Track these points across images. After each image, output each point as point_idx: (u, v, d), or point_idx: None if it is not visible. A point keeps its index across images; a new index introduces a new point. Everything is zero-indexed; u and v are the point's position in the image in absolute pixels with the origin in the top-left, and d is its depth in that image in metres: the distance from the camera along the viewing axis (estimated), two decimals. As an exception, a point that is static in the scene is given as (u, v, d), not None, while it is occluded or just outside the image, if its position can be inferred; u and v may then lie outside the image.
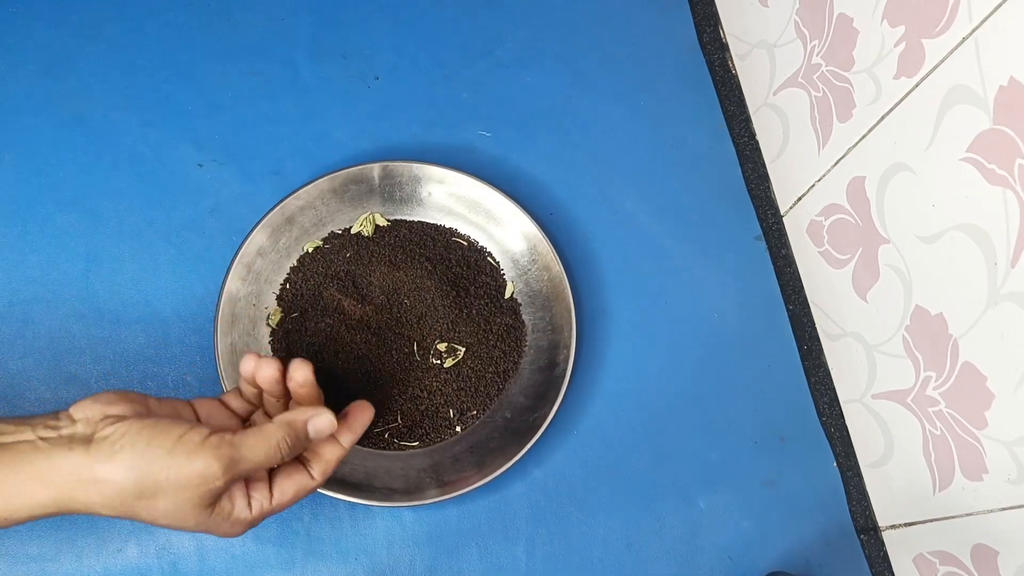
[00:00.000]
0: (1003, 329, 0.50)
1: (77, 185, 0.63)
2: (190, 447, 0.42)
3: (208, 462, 0.42)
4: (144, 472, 0.41)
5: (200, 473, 0.41)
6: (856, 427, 0.66)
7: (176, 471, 0.41)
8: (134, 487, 0.41)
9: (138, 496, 0.41)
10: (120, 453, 0.41)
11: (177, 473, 0.41)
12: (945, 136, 0.52)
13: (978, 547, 0.56)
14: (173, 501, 0.42)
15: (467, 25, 0.73)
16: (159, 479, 0.41)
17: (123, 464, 0.41)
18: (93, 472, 0.40)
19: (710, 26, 0.77)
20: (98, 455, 0.41)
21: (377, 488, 0.57)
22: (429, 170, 0.64)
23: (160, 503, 0.42)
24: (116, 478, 0.41)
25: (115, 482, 0.41)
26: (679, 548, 0.61)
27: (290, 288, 0.62)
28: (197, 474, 0.41)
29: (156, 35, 0.68)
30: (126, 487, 0.41)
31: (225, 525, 0.44)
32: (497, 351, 0.62)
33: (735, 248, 0.70)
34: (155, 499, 0.41)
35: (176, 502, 0.42)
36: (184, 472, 0.41)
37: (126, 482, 0.41)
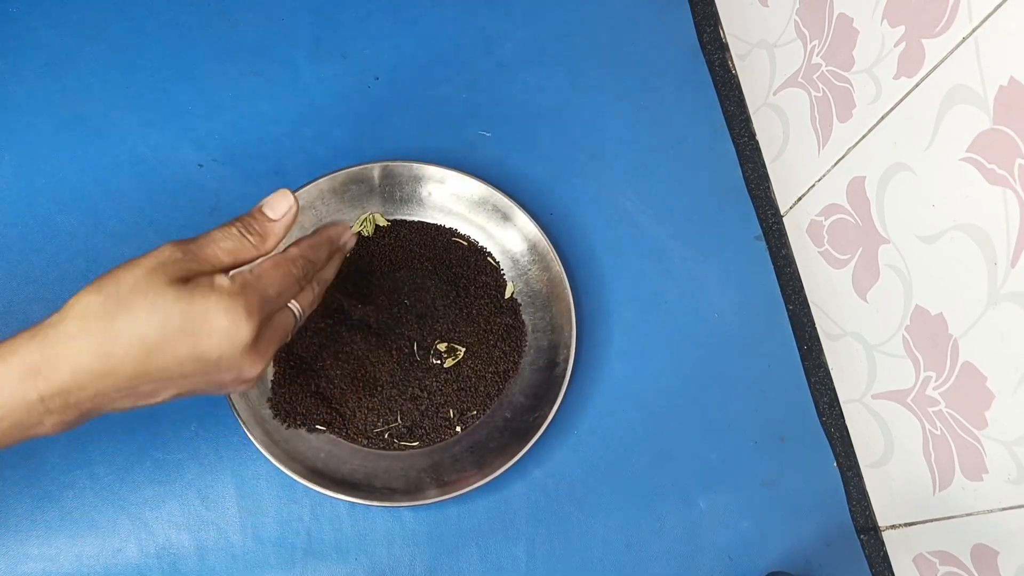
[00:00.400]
0: (1003, 329, 0.50)
1: (77, 185, 0.63)
2: (132, 262, 0.42)
3: (158, 248, 0.42)
4: (102, 279, 0.40)
5: (152, 254, 0.41)
6: (856, 427, 0.66)
7: (131, 261, 0.41)
8: (98, 295, 0.40)
9: (105, 300, 0.40)
10: (73, 301, 0.41)
11: (132, 261, 0.41)
12: (945, 136, 0.52)
13: (978, 547, 0.56)
14: (139, 287, 0.40)
15: (467, 25, 0.73)
16: (118, 274, 0.41)
17: (85, 290, 0.40)
18: (62, 312, 0.40)
19: (710, 26, 0.77)
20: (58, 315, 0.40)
21: (377, 488, 0.57)
22: (429, 170, 0.64)
23: (132, 299, 0.40)
24: (78, 299, 0.40)
25: (78, 301, 0.40)
26: (679, 548, 0.61)
27: (290, 288, 0.62)
28: (149, 255, 0.41)
29: (156, 35, 0.68)
30: (92, 300, 0.40)
31: (220, 302, 0.41)
32: (497, 351, 0.62)
33: (735, 248, 0.70)
34: (123, 298, 0.40)
35: (141, 286, 0.40)
36: (137, 259, 0.41)
37: (88, 295, 0.40)
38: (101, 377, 0.40)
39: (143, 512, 0.57)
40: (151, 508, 0.57)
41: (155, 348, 0.40)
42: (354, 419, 0.60)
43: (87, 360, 0.39)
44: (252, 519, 0.58)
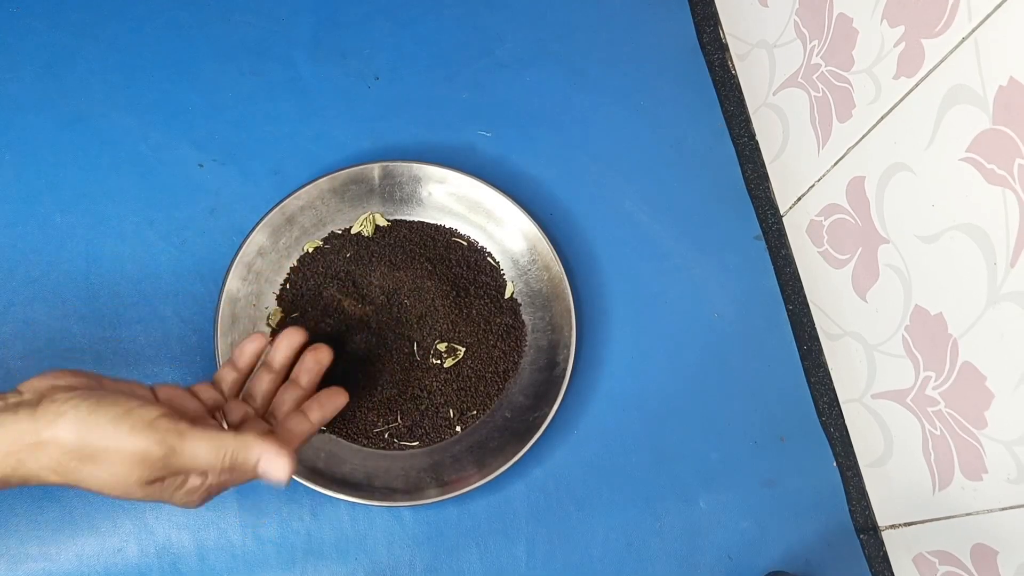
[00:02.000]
0: (1003, 329, 0.50)
1: (77, 185, 0.63)
2: (136, 422, 0.41)
3: (149, 444, 0.41)
4: (85, 436, 0.40)
5: (140, 452, 0.40)
6: (856, 427, 0.66)
7: (117, 442, 0.40)
8: (76, 449, 0.40)
9: (80, 460, 0.40)
10: (64, 416, 0.40)
11: (117, 444, 0.40)
12: (945, 136, 0.52)
13: (978, 547, 0.56)
14: (114, 472, 0.41)
15: (467, 25, 0.73)
16: (99, 446, 0.40)
17: (66, 426, 0.40)
18: (38, 434, 0.40)
19: (710, 26, 0.77)
20: (43, 418, 0.40)
21: (377, 488, 0.57)
22: (429, 170, 0.64)
23: (102, 471, 0.41)
24: (59, 438, 0.40)
25: (58, 443, 0.40)
26: (679, 548, 0.61)
27: (290, 288, 0.62)
28: (137, 452, 0.40)
29: (156, 35, 0.68)
30: (68, 448, 0.40)
31: (177, 497, 0.43)
32: (497, 351, 0.62)
33: (735, 248, 0.70)
34: (97, 465, 0.40)
35: (117, 473, 0.41)
36: (124, 446, 0.40)
37: (68, 443, 0.40)
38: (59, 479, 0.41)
39: (143, 512, 0.57)
40: (151, 508, 0.57)
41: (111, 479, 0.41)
42: (354, 419, 0.60)
43: (46, 475, 0.41)
44: (252, 519, 0.58)
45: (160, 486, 0.42)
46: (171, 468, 0.42)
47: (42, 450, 0.40)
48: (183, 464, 0.42)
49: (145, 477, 0.41)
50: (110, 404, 0.41)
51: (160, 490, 0.42)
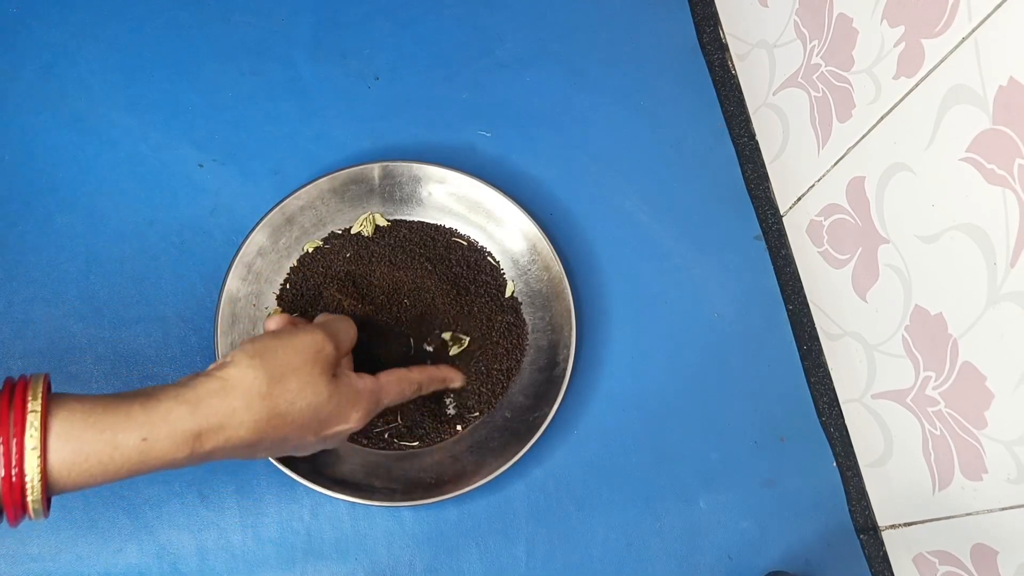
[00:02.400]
0: (1003, 329, 0.50)
1: (77, 185, 0.63)
2: (291, 328, 0.49)
3: (311, 331, 0.47)
4: (263, 356, 0.44)
5: (310, 340, 0.47)
6: (856, 427, 0.66)
7: (288, 342, 0.46)
8: (263, 374, 0.44)
9: (269, 381, 0.44)
10: (237, 357, 0.44)
11: (290, 343, 0.46)
12: (945, 136, 0.52)
13: (978, 547, 0.56)
14: (300, 374, 0.45)
15: (467, 25, 0.73)
16: (278, 355, 0.45)
17: (242, 361, 0.44)
18: (224, 382, 0.43)
19: (710, 26, 0.77)
20: (220, 370, 0.44)
21: (377, 488, 0.57)
22: (429, 170, 0.64)
23: (292, 382, 0.45)
24: (243, 374, 0.43)
25: (243, 377, 0.43)
26: (679, 548, 0.61)
27: (290, 288, 0.62)
28: (308, 342, 0.47)
29: (156, 35, 0.68)
30: (256, 377, 0.44)
31: (353, 398, 0.48)
32: (500, 348, 0.62)
33: (735, 248, 0.70)
34: (285, 379, 0.44)
35: (303, 374, 0.45)
36: (296, 341, 0.46)
37: (252, 372, 0.44)
38: (247, 447, 0.44)
39: (143, 512, 0.57)
40: (151, 508, 0.57)
41: (301, 429, 0.46)
42: (354, 419, 0.59)
43: (243, 433, 0.43)
44: (252, 519, 0.58)
45: (338, 383, 0.47)
46: (337, 342, 0.49)
47: (230, 393, 0.43)
48: (343, 339, 0.50)
49: (324, 365, 0.47)
50: (265, 333, 0.49)
51: (339, 387, 0.47)
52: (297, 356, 0.46)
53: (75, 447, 0.38)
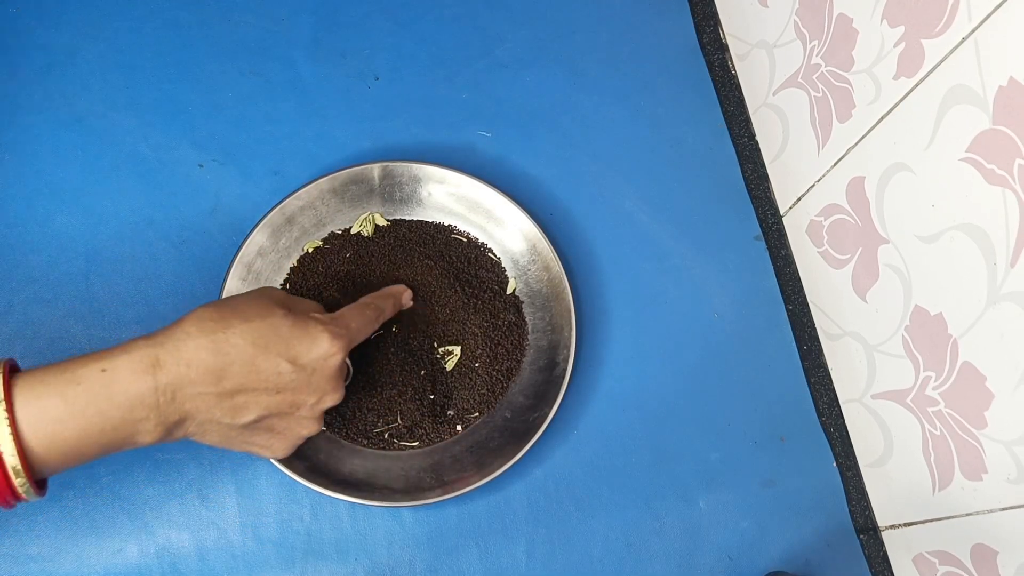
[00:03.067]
0: (1003, 329, 0.50)
1: (77, 185, 0.63)
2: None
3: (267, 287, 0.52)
4: (212, 302, 0.45)
5: (260, 289, 0.49)
6: (856, 427, 0.66)
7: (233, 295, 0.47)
8: (212, 306, 0.44)
9: (218, 307, 0.44)
10: (187, 314, 0.44)
11: (235, 295, 0.47)
12: (945, 136, 0.52)
13: (978, 547, 0.56)
14: (250, 298, 0.46)
15: (467, 25, 0.73)
16: (227, 299, 0.46)
17: (194, 311, 0.44)
18: (177, 321, 0.43)
19: (710, 26, 0.77)
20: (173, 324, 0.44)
21: (377, 488, 0.57)
22: (429, 170, 0.64)
23: (241, 304, 0.45)
24: (194, 312, 0.44)
25: (194, 312, 0.44)
26: (679, 548, 0.61)
27: (290, 288, 0.62)
28: (257, 290, 0.48)
29: (156, 35, 0.68)
30: (206, 308, 0.44)
31: (314, 322, 0.47)
32: (501, 348, 0.62)
33: (735, 248, 0.70)
34: (235, 303, 0.45)
35: (252, 298, 0.46)
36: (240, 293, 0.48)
37: (202, 307, 0.44)
38: (211, 375, 0.42)
39: (143, 512, 0.57)
40: (151, 508, 0.57)
41: (264, 349, 0.44)
42: (354, 419, 0.60)
43: (203, 355, 0.42)
44: (252, 519, 0.58)
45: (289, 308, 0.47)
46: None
47: (185, 336, 0.43)
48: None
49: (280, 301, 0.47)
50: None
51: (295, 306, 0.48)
52: (246, 292, 0.48)
53: (39, 391, 0.39)
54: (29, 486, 0.40)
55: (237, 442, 0.48)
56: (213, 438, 0.46)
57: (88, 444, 0.41)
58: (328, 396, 0.48)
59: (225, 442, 0.47)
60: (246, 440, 0.48)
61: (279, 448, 0.50)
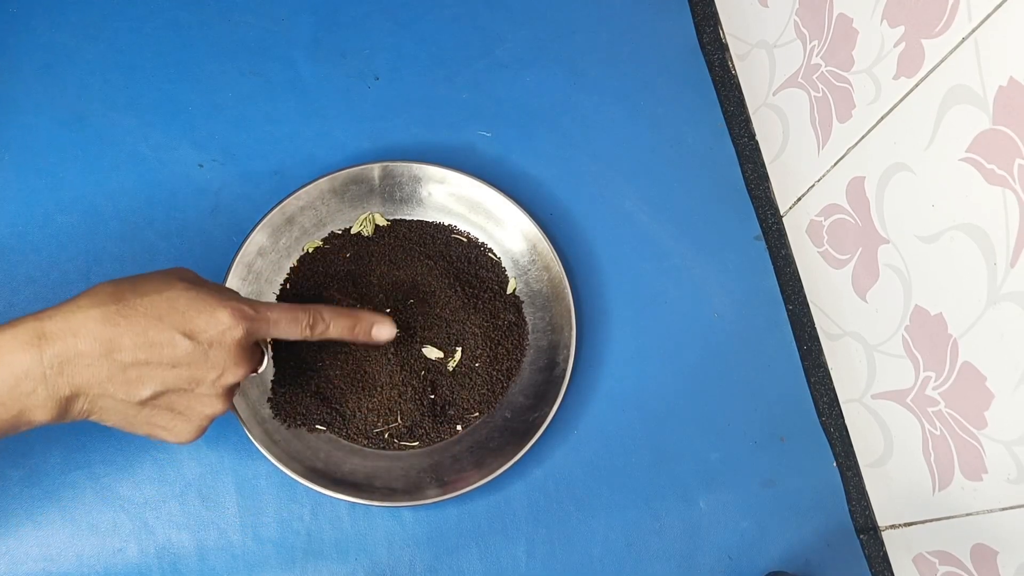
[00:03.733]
0: (1003, 329, 0.50)
1: (77, 185, 0.63)
2: None
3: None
4: (112, 280, 0.43)
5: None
6: (856, 427, 0.66)
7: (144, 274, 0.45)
8: (111, 283, 0.43)
9: (115, 282, 0.43)
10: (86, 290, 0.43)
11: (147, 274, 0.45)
12: (945, 136, 0.52)
13: (978, 547, 0.56)
14: (149, 275, 0.44)
15: (467, 25, 0.73)
16: (132, 276, 0.44)
17: (92, 287, 0.43)
18: (68, 303, 0.42)
19: (710, 26, 0.77)
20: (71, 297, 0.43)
21: (377, 488, 0.57)
22: (429, 170, 0.64)
23: (138, 279, 0.43)
24: (90, 289, 0.42)
25: (92, 290, 0.42)
26: (679, 548, 0.61)
27: (290, 288, 0.62)
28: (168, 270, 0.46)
29: (156, 35, 0.68)
30: (101, 284, 0.42)
31: (216, 294, 0.45)
32: (501, 348, 0.62)
33: (735, 248, 0.70)
34: (133, 278, 0.43)
35: (152, 274, 0.44)
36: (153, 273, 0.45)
37: (102, 285, 0.43)
38: (101, 346, 0.41)
39: (143, 512, 0.57)
40: (151, 508, 0.57)
41: (158, 320, 0.42)
42: (354, 419, 0.60)
43: (92, 326, 0.41)
44: (252, 519, 0.58)
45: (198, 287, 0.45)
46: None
47: (77, 311, 0.42)
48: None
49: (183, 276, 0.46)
50: None
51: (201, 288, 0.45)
52: (150, 272, 0.45)
53: None
54: None
55: (138, 422, 0.45)
56: (112, 417, 0.44)
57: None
58: (229, 371, 0.45)
59: (125, 422, 0.45)
60: (147, 420, 0.45)
61: (183, 431, 0.47)
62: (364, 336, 0.53)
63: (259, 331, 0.47)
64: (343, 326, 0.52)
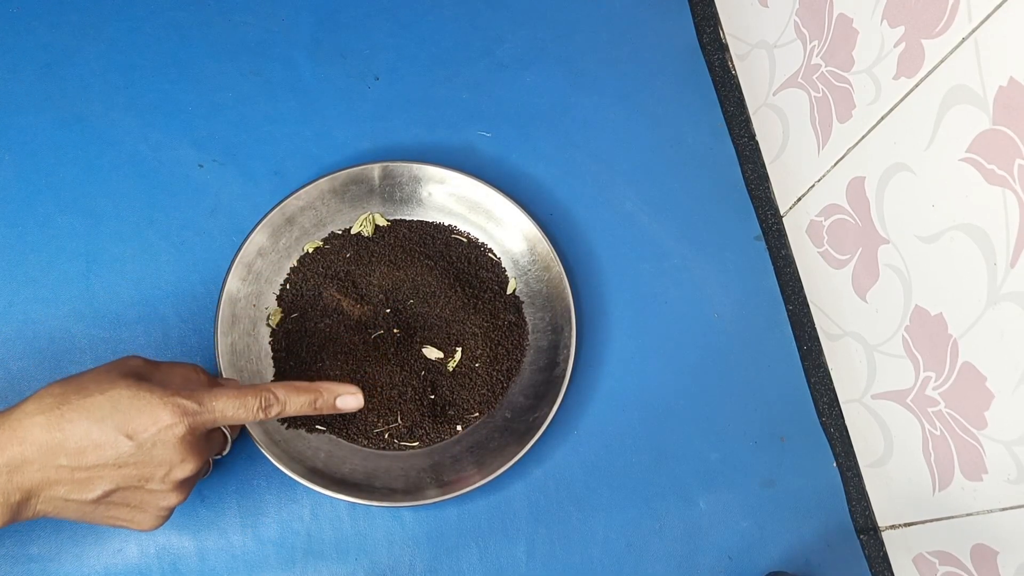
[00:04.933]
0: (1003, 329, 0.50)
1: (77, 185, 0.63)
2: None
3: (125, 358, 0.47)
4: (61, 379, 0.45)
5: (114, 361, 0.47)
6: (856, 427, 0.66)
7: (90, 372, 0.46)
8: (58, 385, 0.44)
9: (63, 383, 0.44)
10: (38, 391, 0.45)
11: (90, 369, 0.46)
12: (945, 136, 0.52)
13: (978, 547, 0.56)
14: (97, 373, 0.45)
15: (467, 25, 0.73)
16: (77, 374, 0.45)
17: (39, 391, 0.44)
18: (15, 410, 0.43)
19: (710, 26, 0.77)
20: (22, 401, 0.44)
21: (377, 488, 0.57)
22: (429, 170, 0.64)
23: (86, 379, 0.44)
24: (37, 393, 0.44)
25: (38, 395, 0.44)
26: (679, 548, 0.61)
27: (290, 288, 0.62)
28: (113, 362, 0.47)
29: (156, 35, 0.68)
30: (49, 390, 0.44)
31: (163, 394, 0.45)
32: (501, 348, 0.62)
33: (735, 248, 0.70)
34: (80, 379, 0.44)
35: (99, 372, 0.45)
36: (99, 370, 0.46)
37: (48, 388, 0.44)
38: (47, 451, 0.43)
39: (143, 512, 0.57)
40: (151, 508, 0.57)
41: (100, 423, 0.43)
42: (354, 419, 0.60)
43: (37, 433, 0.42)
44: (252, 519, 0.58)
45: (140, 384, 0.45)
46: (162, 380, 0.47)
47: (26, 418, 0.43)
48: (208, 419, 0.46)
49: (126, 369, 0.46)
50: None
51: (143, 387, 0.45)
52: (99, 367, 0.46)
53: None
54: None
55: (96, 517, 0.46)
56: (70, 513, 0.46)
57: None
58: (176, 468, 0.46)
59: (84, 517, 0.46)
60: (105, 514, 0.47)
61: (144, 520, 0.48)
62: (328, 409, 0.51)
63: (203, 424, 0.46)
64: (301, 403, 0.49)
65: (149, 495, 0.46)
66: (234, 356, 0.58)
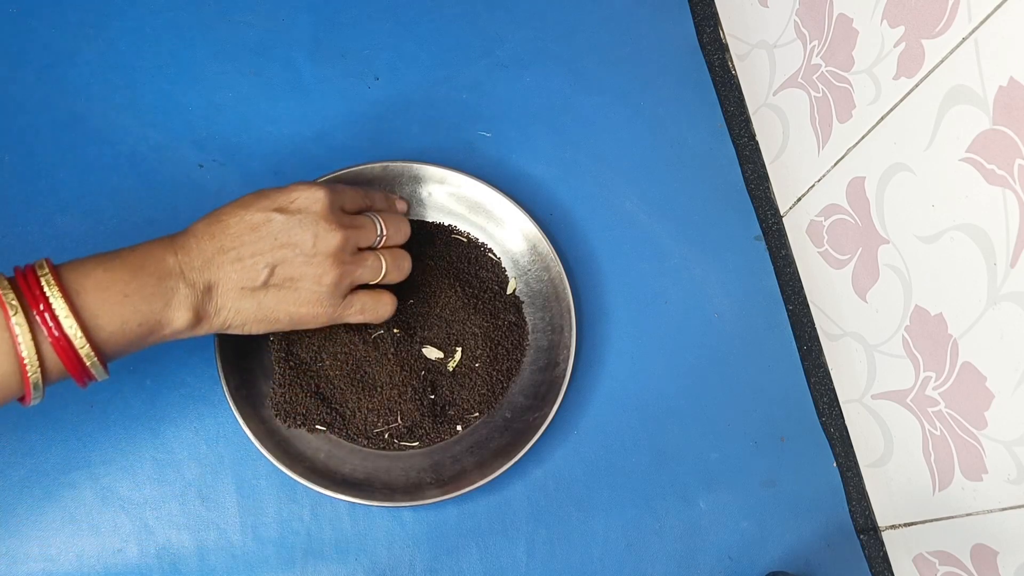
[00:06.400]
0: (1003, 329, 0.50)
1: (77, 185, 0.63)
2: None
3: None
4: None
5: None
6: (856, 427, 0.66)
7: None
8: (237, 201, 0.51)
9: (212, 211, 0.50)
10: None
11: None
12: (945, 136, 0.52)
13: (978, 547, 0.56)
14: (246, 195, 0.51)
15: (467, 25, 0.73)
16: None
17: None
18: (184, 230, 0.50)
19: (710, 26, 0.77)
20: None
21: (377, 488, 0.57)
22: (429, 170, 0.64)
23: (238, 201, 0.51)
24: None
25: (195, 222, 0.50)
26: (679, 548, 0.61)
27: (290, 288, 0.62)
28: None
29: (156, 35, 0.68)
30: (204, 217, 0.50)
31: (302, 182, 0.52)
32: (501, 348, 0.62)
33: (735, 248, 0.70)
34: (230, 204, 0.51)
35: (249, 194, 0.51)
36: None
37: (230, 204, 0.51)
38: (216, 240, 0.49)
39: (143, 512, 0.57)
40: (151, 508, 0.57)
41: (251, 206, 0.50)
42: (354, 419, 0.60)
43: (202, 228, 0.49)
44: (252, 519, 0.58)
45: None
46: None
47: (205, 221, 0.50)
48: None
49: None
50: None
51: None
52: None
53: (83, 266, 0.46)
54: (90, 350, 0.44)
55: (269, 307, 0.50)
56: (247, 310, 0.50)
57: (131, 313, 0.45)
58: (322, 237, 0.51)
59: (261, 313, 0.50)
60: (279, 303, 0.51)
61: (311, 302, 0.52)
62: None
63: (338, 199, 0.53)
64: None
65: (305, 266, 0.50)
66: (234, 356, 0.58)
